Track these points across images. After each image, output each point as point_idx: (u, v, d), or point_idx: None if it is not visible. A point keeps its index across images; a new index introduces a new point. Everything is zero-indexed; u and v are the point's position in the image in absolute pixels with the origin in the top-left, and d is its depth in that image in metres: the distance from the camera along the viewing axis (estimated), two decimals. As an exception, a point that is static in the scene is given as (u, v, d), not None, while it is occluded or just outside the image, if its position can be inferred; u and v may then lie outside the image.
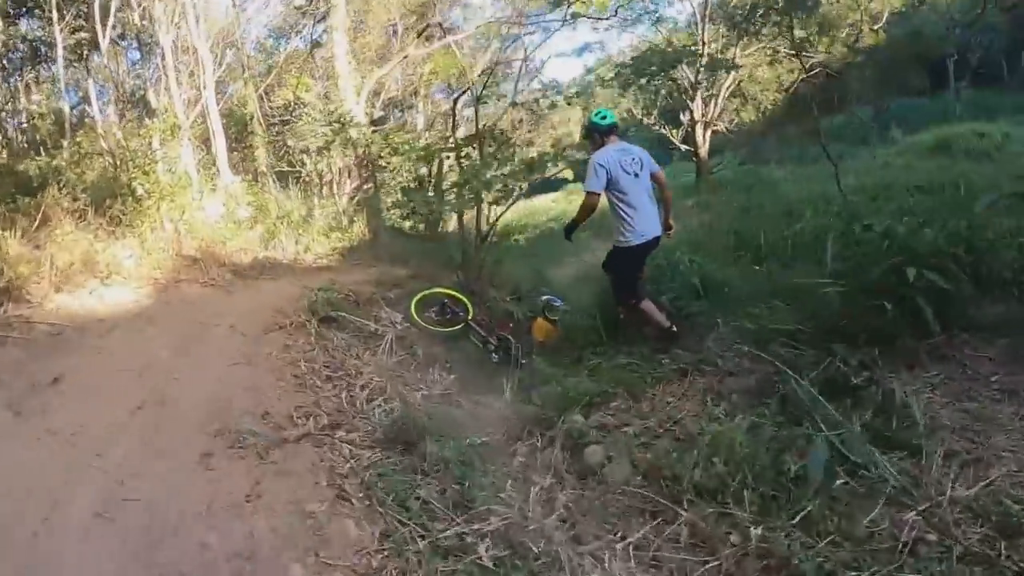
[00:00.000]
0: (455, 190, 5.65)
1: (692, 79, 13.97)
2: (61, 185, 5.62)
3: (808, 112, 14.83)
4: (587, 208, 3.96)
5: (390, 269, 6.50)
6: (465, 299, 5.31)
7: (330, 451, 2.81)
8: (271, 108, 10.32)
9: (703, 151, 14.63)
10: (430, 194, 11.84)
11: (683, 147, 15.77)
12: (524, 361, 4.59)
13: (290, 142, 10.21)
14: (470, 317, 5.10)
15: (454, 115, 8.80)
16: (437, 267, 6.68)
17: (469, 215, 6.02)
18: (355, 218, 8.89)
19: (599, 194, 3.87)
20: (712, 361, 3.46)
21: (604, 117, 4.14)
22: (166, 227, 5.91)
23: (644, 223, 3.89)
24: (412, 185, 13.13)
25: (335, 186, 10.10)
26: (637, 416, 3.17)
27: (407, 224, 12.23)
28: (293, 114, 10.13)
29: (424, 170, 11.91)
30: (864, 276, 3.05)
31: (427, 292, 5.29)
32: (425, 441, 2.80)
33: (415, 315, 4.95)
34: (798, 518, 2.15)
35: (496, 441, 3.15)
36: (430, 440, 2.81)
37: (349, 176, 10.42)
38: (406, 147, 7.29)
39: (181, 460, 2.61)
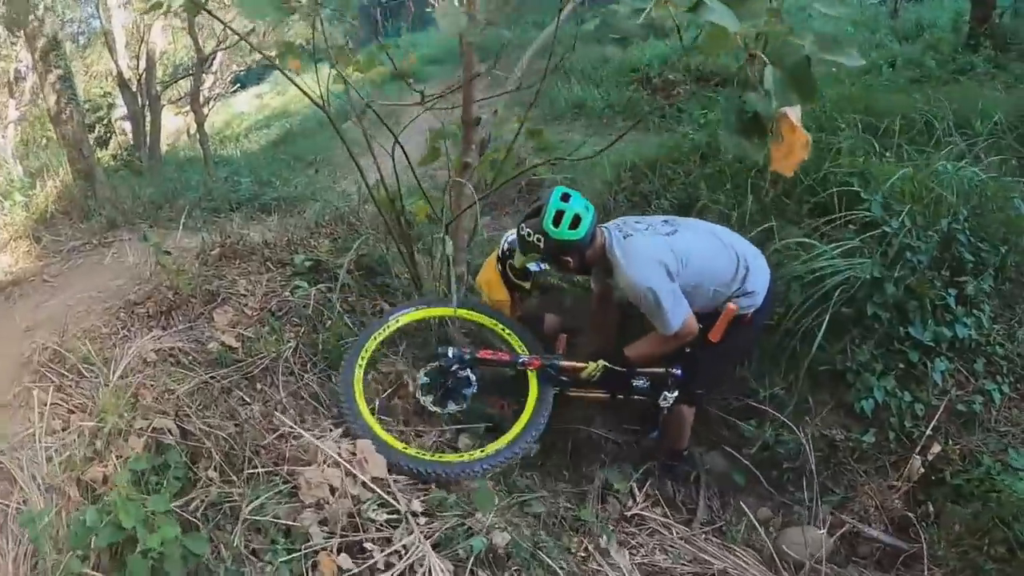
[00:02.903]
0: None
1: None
2: None
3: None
4: (678, 346, 2.43)
5: (170, 250, 3.04)
6: (486, 320, 2.51)
7: None
8: None
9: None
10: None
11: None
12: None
13: None
14: (530, 359, 2.38)
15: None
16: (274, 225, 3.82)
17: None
18: (44, 161, 5.74)
19: (691, 316, 2.33)
20: None
21: (575, 220, 2.27)
22: None
23: (757, 269, 2.43)
24: (108, 89, 9.14)
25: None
26: None
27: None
28: None
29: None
30: None
31: (387, 332, 2.37)
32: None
33: (381, 431, 2.07)
34: None
35: None
36: None
37: (12, 95, 6.78)
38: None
39: None
